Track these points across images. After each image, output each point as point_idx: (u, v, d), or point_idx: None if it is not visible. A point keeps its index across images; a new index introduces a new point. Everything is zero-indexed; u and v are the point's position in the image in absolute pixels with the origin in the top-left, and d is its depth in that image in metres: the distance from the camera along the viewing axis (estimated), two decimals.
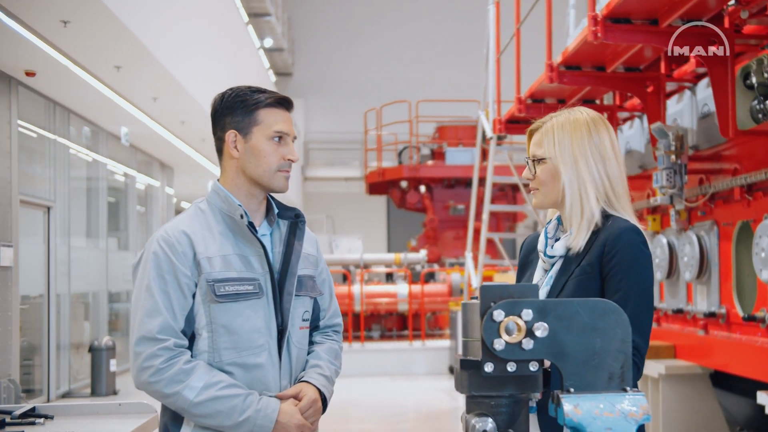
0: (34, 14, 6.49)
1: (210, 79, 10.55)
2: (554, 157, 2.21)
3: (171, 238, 2.22)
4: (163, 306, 2.17)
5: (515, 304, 1.57)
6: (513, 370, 1.58)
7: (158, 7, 8.08)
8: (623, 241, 2.11)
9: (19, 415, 2.72)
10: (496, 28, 7.09)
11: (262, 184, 2.31)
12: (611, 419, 1.55)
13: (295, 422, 2.23)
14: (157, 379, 2.14)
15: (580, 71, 5.34)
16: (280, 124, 2.32)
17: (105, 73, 8.30)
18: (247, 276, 2.24)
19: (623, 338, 1.60)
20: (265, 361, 2.25)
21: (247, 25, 15.78)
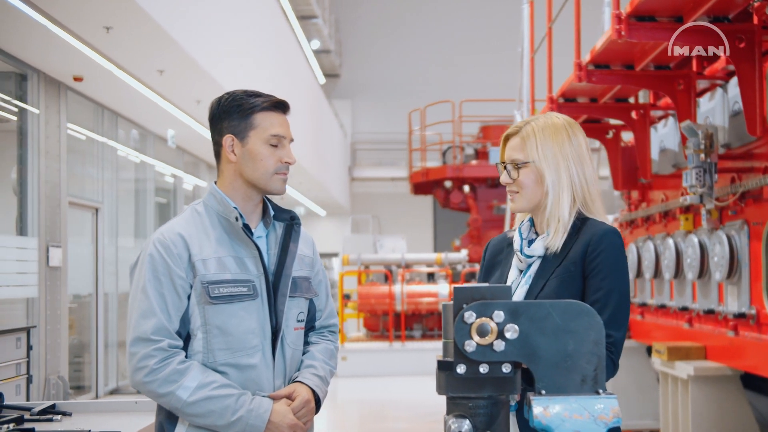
0: (78, 21, 6.69)
1: (253, 82, 10.71)
2: (537, 160, 2.26)
3: (167, 240, 2.27)
4: (158, 307, 2.22)
5: (487, 306, 1.58)
6: (485, 371, 1.59)
7: (198, 11, 8.24)
8: (606, 242, 2.20)
9: (38, 411, 2.81)
10: (530, 27, 7.09)
11: (260, 187, 2.35)
12: (580, 422, 1.55)
13: (288, 422, 2.26)
14: (151, 379, 2.19)
15: (609, 70, 5.31)
16: (276, 127, 2.36)
17: (148, 77, 8.50)
18: (241, 278, 2.28)
19: (596, 340, 1.60)
20: (258, 361, 2.29)
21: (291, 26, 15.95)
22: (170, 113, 9.78)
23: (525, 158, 2.26)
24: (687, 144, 5.03)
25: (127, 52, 7.64)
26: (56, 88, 8.43)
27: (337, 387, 11.18)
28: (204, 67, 8.32)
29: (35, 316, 7.96)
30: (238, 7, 9.91)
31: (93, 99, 9.36)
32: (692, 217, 5.62)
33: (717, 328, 5.16)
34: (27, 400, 6.61)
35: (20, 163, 8.13)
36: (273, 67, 12.22)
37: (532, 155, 2.26)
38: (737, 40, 4.40)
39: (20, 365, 6.64)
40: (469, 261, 13.08)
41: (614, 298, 2.15)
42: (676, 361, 5.12)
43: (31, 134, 8.08)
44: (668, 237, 5.87)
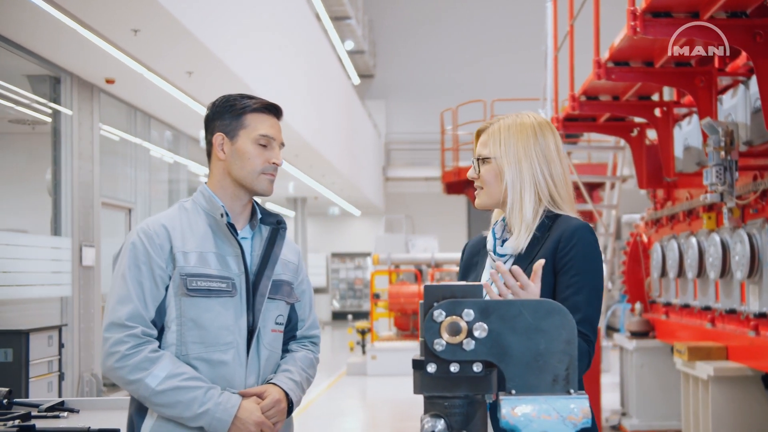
0: (106, 24, 6.81)
1: (283, 83, 10.79)
2: (498, 157, 2.26)
3: (150, 230, 2.30)
4: (135, 294, 2.24)
5: (456, 304, 1.55)
6: (456, 370, 1.56)
7: (225, 14, 8.33)
8: (577, 237, 2.18)
9: (46, 408, 2.83)
10: (554, 24, 7.05)
11: (247, 186, 2.38)
12: (548, 422, 1.51)
13: (254, 419, 2.25)
14: (121, 365, 2.20)
15: (629, 67, 5.27)
16: (266, 128, 2.41)
17: (178, 79, 8.61)
18: (222, 274, 2.30)
19: (568, 339, 1.56)
20: (231, 358, 2.29)
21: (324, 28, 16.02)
22: (201, 114, 9.89)
23: (488, 154, 2.27)
24: (707, 142, 4.98)
25: (155, 54, 7.76)
26: (89, 90, 8.59)
27: (366, 386, 11.22)
28: (232, 68, 8.41)
29: (69, 315, 8.13)
30: (267, 9, 10.00)
31: (125, 101, 9.51)
32: (715, 216, 5.55)
33: (739, 327, 5.10)
34: (59, 397, 6.74)
35: (54, 165, 8.30)
36: (304, 68, 12.30)
37: (495, 151, 2.27)
38: (757, 35, 4.35)
39: (52, 362, 6.80)
40: None
41: (585, 293, 2.14)
42: (696, 361, 5.06)
43: (64, 136, 8.25)
44: (692, 236, 5.81)
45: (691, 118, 6.17)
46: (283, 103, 10.04)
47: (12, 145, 9.19)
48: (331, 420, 9.04)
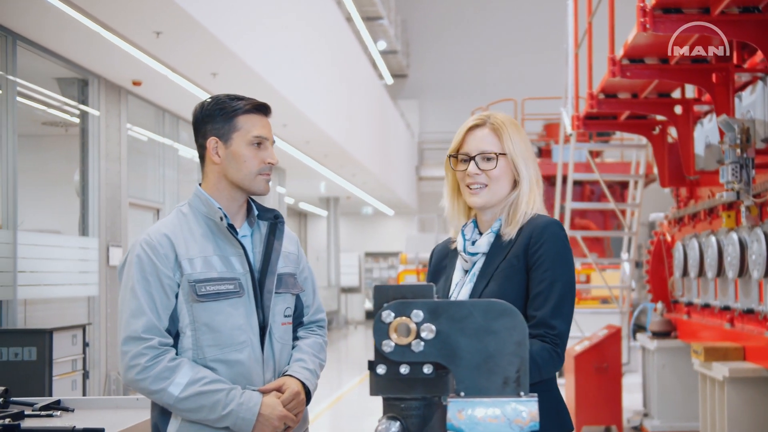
0: (129, 26, 6.91)
1: (309, 84, 10.85)
2: (513, 153, 2.24)
3: (153, 241, 2.33)
4: (147, 306, 2.28)
5: (405, 305, 1.53)
6: (406, 372, 1.54)
7: (247, 15, 8.38)
8: (548, 233, 2.17)
9: (41, 407, 2.87)
10: (574, 22, 6.98)
11: (244, 188, 2.40)
12: (494, 425, 1.49)
13: (277, 414, 2.30)
14: (143, 377, 2.25)
15: (644, 64, 5.20)
16: (258, 129, 2.42)
17: (203, 80, 8.70)
18: (227, 276, 2.34)
19: (519, 341, 1.54)
20: (247, 356, 2.34)
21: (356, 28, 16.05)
22: None
23: (501, 150, 2.23)
24: (723, 139, 4.90)
25: (179, 56, 7.85)
26: (117, 92, 8.72)
27: None
28: (256, 70, 8.47)
29: (96, 315, 8.25)
30: (293, 11, 10.05)
31: (153, 102, 9.63)
32: (734, 214, 5.46)
33: (756, 328, 5.01)
34: (83, 395, 6.85)
35: (82, 166, 8.44)
36: (332, 69, 12.34)
37: (509, 148, 2.24)
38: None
39: (76, 361, 6.89)
40: None
41: (557, 289, 2.13)
42: (712, 362, 4.98)
43: (92, 137, 8.37)
44: (712, 235, 5.72)
45: (712, 116, 6.06)
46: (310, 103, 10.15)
47: (45, 147, 9.35)
48: (362, 417, 9.06)
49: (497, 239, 2.24)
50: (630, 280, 8.44)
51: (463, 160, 2.26)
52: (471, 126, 2.28)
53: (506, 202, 2.26)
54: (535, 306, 2.13)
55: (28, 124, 8.57)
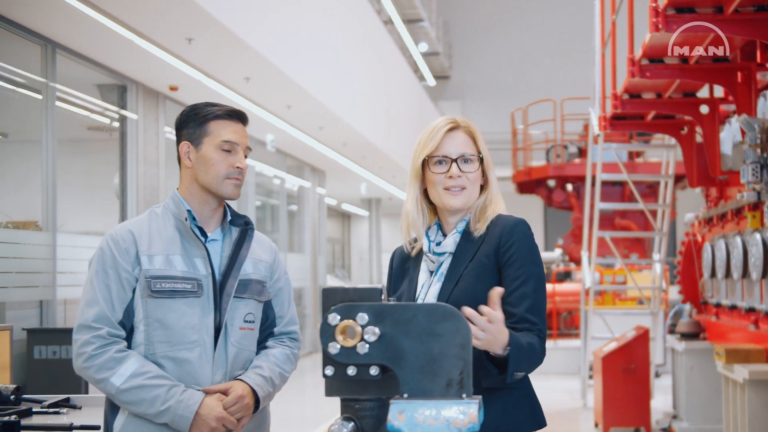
0: (161, 34, 7.07)
1: (343, 87, 10.93)
2: (486, 158, 2.30)
3: (117, 236, 2.41)
4: (101, 297, 2.35)
5: (351, 308, 1.57)
6: (353, 374, 1.56)
7: (277, 20, 8.47)
8: (518, 232, 2.22)
9: (49, 404, 2.91)
10: (600, 22, 6.93)
11: (213, 191, 2.45)
12: (433, 426, 1.51)
13: (215, 414, 2.31)
14: (89, 365, 2.30)
15: (663, 64, 5.16)
16: (229, 134, 2.46)
17: (236, 84, 8.85)
18: (188, 276, 2.38)
19: (462, 344, 1.56)
20: (197, 356, 2.37)
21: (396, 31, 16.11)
22: (263, 118, 10.14)
23: (477, 153, 2.27)
24: (744, 139, 4.86)
25: (211, 62, 8.00)
26: (154, 97, 8.91)
27: None
28: (287, 73, 8.58)
29: None
30: (326, 14, 10.14)
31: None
32: (759, 215, 5.39)
33: None
34: None
35: (122, 169, 8.65)
36: (368, 72, 12.41)
37: (484, 152, 2.30)
38: None
39: None
40: (570, 260, 12.88)
41: (532, 285, 2.18)
42: (734, 364, 4.92)
43: (130, 142, 8.57)
44: (738, 235, 5.65)
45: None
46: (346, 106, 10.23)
47: (91, 151, 9.59)
48: None
49: (463, 239, 2.27)
50: (661, 280, 8.34)
51: (438, 162, 2.27)
52: (447, 128, 2.29)
53: (474, 205, 2.30)
54: (513, 303, 2.16)
55: (74, 129, 8.82)
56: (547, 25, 21.79)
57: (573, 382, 10.10)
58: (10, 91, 7.38)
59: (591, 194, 8.40)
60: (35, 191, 7.09)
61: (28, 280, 6.85)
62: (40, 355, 6.59)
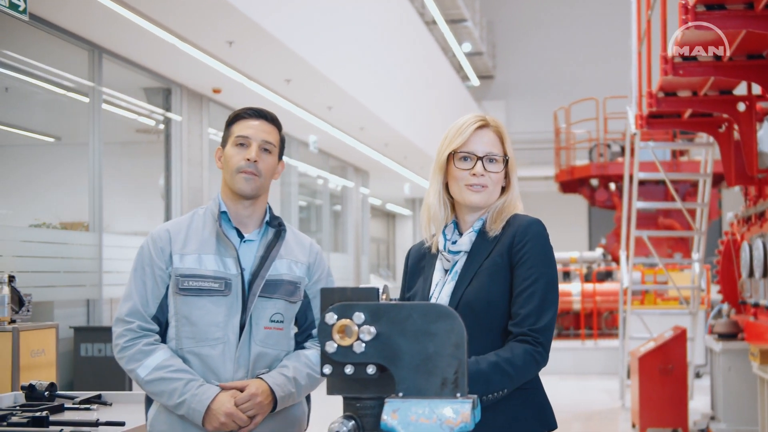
0: (203, 37, 7.23)
1: (383, 88, 11.01)
2: (511, 160, 2.29)
3: (155, 235, 2.53)
4: (136, 292, 2.47)
5: (348, 307, 1.58)
6: (350, 372, 1.58)
7: (317, 22, 8.57)
8: (532, 232, 2.19)
9: (80, 401, 3.00)
10: (637, 19, 6.89)
11: (231, 188, 2.52)
12: (426, 425, 1.51)
13: (224, 410, 2.37)
14: (121, 356, 2.46)
15: (697, 62, 5.12)
16: (242, 129, 2.52)
17: (278, 86, 8.99)
18: (218, 275, 2.46)
19: (457, 343, 1.56)
20: (219, 353, 2.45)
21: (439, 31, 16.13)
22: (304, 119, 10.27)
23: (504, 154, 2.26)
24: None
25: (252, 64, 8.14)
26: (198, 100, 9.09)
27: None
28: (327, 75, 8.69)
29: None
30: (365, 16, 10.22)
31: (233, 108, 9.95)
32: None
33: None
34: None
35: (167, 170, 8.85)
36: (409, 73, 12.47)
37: (510, 154, 2.29)
38: None
39: None
40: (613, 260, 12.78)
41: (541, 286, 2.15)
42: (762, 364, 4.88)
43: (175, 143, 8.76)
44: None
45: None
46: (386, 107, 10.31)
47: (139, 153, 9.81)
48: None
49: (479, 238, 2.26)
50: (700, 280, 8.25)
51: (464, 159, 2.25)
52: (477, 126, 2.27)
53: (493, 206, 2.28)
54: (519, 303, 2.15)
55: (122, 131, 9.05)
56: (591, 23, 21.60)
57: (613, 383, 10.05)
58: (60, 96, 7.62)
59: (629, 193, 8.33)
60: (83, 193, 7.30)
61: (76, 279, 7.06)
62: (86, 353, 6.78)
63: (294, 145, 11.88)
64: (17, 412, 2.71)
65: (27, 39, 6.76)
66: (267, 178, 2.55)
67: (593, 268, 12.48)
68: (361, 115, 10.52)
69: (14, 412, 2.68)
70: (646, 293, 10.48)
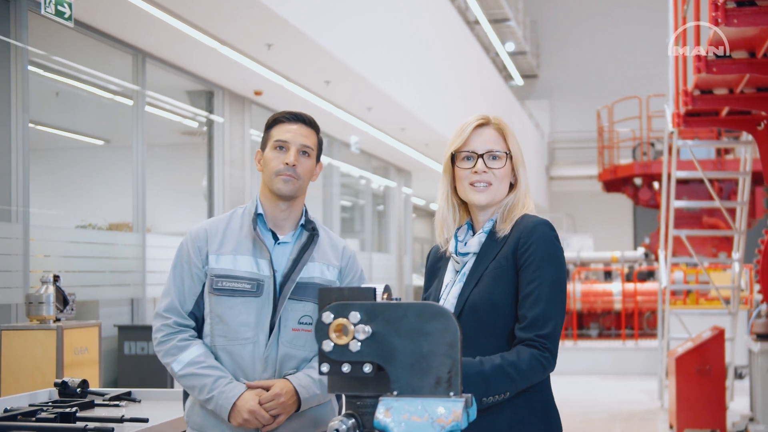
0: (242, 40, 7.35)
1: (422, 89, 11.04)
2: (515, 156, 2.28)
3: (194, 234, 2.62)
4: (174, 289, 2.57)
5: (344, 307, 1.60)
6: (347, 371, 1.61)
7: (356, 24, 8.63)
8: (537, 233, 2.16)
9: (110, 397, 3.05)
10: (674, 15, 6.82)
11: (270, 189, 2.59)
12: (417, 424, 1.52)
13: (248, 407, 2.45)
14: (158, 350, 2.56)
15: (731, 59, 5.07)
16: (281, 133, 2.58)
17: (317, 88, 9.08)
18: (252, 276, 2.53)
19: (451, 343, 1.57)
20: (248, 352, 2.52)
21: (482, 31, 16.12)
22: (345, 120, 10.36)
23: (506, 150, 2.26)
24: None
25: (291, 66, 8.24)
26: (240, 102, 9.24)
27: None
28: (366, 76, 8.75)
29: None
30: (403, 17, 10.27)
31: (274, 110, 10.10)
32: None
33: None
34: None
35: (209, 171, 9.01)
36: (449, 73, 12.48)
37: (514, 149, 2.28)
38: None
39: None
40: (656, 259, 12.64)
41: (547, 289, 2.12)
42: None
43: (217, 145, 8.92)
44: None
45: None
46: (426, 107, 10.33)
47: (181, 155, 10.01)
48: None
49: (488, 239, 2.25)
50: (740, 280, 8.13)
51: (466, 158, 2.25)
52: (476, 125, 2.27)
53: (503, 203, 2.27)
54: (526, 307, 2.12)
55: (167, 133, 9.25)
56: (635, 21, 21.36)
57: (653, 383, 9.98)
58: (107, 99, 7.83)
59: (667, 192, 8.26)
60: (128, 194, 7.48)
61: (120, 279, 7.23)
62: (130, 351, 6.93)
63: (336, 145, 11.99)
64: (48, 408, 2.79)
65: (74, 45, 6.96)
66: (305, 180, 2.61)
67: (634, 267, 12.37)
68: (401, 115, 10.57)
69: (44, 408, 2.75)
70: (688, 293, 10.35)
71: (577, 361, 11.22)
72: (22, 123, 5.90)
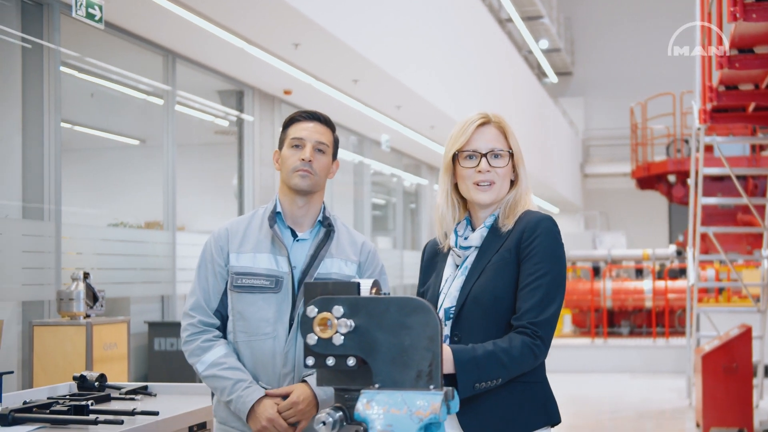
0: (269, 40, 7.42)
1: (451, 87, 11.04)
2: (516, 154, 2.30)
3: (217, 234, 2.69)
4: (199, 288, 2.65)
5: (328, 301, 1.64)
6: (332, 364, 1.64)
7: (381, 22, 8.65)
8: (541, 228, 2.20)
9: (126, 391, 3.11)
10: (701, 11, 6.76)
11: (288, 185, 2.65)
12: (396, 416, 1.54)
13: (267, 416, 2.49)
14: (185, 349, 2.64)
15: (753, 54, 5.04)
16: (297, 131, 2.64)
17: (345, 86, 9.13)
18: (271, 273, 2.59)
19: (431, 336, 1.60)
20: (269, 347, 2.58)
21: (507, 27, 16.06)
22: (374, 118, 10.41)
23: (507, 149, 2.28)
24: None
25: (319, 65, 8.30)
26: (270, 101, 9.34)
27: None
28: (394, 75, 8.78)
29: None
30: (431, 15, 10.28)
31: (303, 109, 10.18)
32: None
33: None
34: None
35: (240, 170, 9.12)
36: (480, 71, 12.46)
37: (515, 147, 2.31)
38: None
39: None
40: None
41: (545, 282, 2.15)
42: None
43: (247, 144, 9.03)
44: None
45: None
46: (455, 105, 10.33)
47: (213, 154, 10.14)
48: None
49: (490, 233, 2.27)
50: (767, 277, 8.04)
51: (469, 157, 2.27)
52: (478, 123, 2.29)
53: (504, 201, 2.29)
54: (523, 298, 2.15)
55: (198, 133, 9.38)
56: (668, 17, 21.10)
57: (682, 381, 9.86)
58: (138, 100, 7.97)
59: (694, 189, 8.20)
60: (159, 193, 7.61)
61: (151, 276, 7.35)
62: (159, 347, 7.05)
63: (366, 143, 12.05)
64: (65, 400, 2.86)
65: (106, 46, 7.09)
66: (322, 176, 2.66)
67: (666, 265, 12.27)
68: (431, 113, 10.59)
69: (60, 401, 2.82)
70: (720, 291, 10.24)
71: (608, 359, 11.16)
72: (55, 123, 6.03)
